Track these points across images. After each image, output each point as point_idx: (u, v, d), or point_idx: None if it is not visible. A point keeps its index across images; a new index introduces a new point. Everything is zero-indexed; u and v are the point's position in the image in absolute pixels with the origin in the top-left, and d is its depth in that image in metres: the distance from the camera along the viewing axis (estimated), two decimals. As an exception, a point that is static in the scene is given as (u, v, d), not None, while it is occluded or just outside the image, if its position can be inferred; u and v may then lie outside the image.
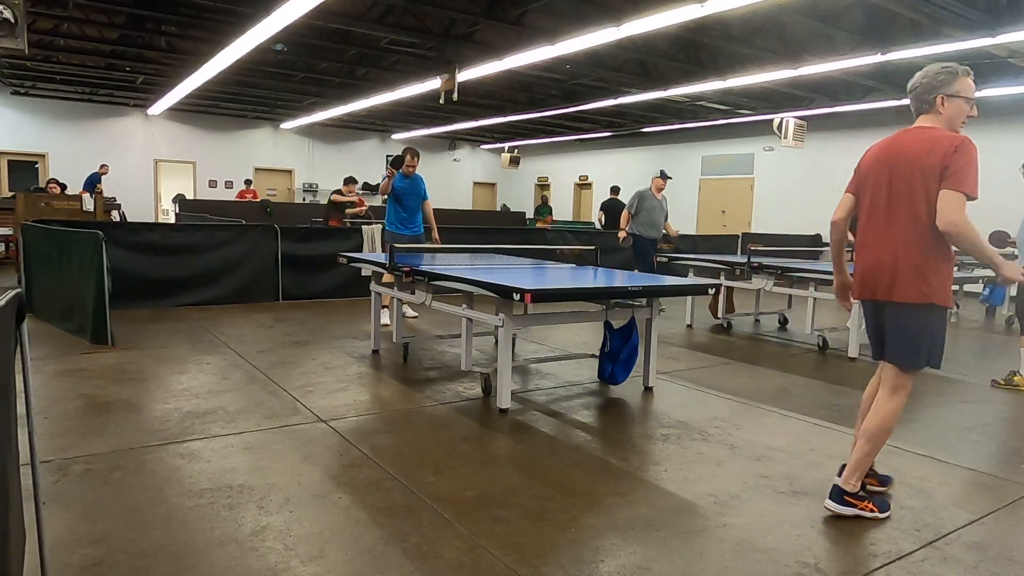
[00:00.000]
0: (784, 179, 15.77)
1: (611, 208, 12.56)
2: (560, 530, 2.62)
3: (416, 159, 6.95)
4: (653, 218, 8.75)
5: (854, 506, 2.81)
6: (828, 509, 2.84)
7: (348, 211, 10.76)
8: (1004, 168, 5.59)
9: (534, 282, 4.22)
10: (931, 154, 2.66)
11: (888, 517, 2.83)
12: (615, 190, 13.20)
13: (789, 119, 12.65)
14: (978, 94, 2.82)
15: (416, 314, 7.36)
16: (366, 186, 18.62)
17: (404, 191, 6.98)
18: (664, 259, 8.14)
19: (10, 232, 10.26)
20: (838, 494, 2.83)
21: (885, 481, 3.15)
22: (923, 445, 3.80)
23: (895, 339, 2.81)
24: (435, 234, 7.30)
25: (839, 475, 2.88)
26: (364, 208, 11.06)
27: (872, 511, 2.81)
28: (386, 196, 6.97)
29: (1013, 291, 5.65)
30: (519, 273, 4.87)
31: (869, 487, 3.01)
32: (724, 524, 2.74)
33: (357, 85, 13.73)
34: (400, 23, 9.65)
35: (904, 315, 2.76)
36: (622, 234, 8.78)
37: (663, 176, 8.76)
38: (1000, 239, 6.08)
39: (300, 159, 20.65)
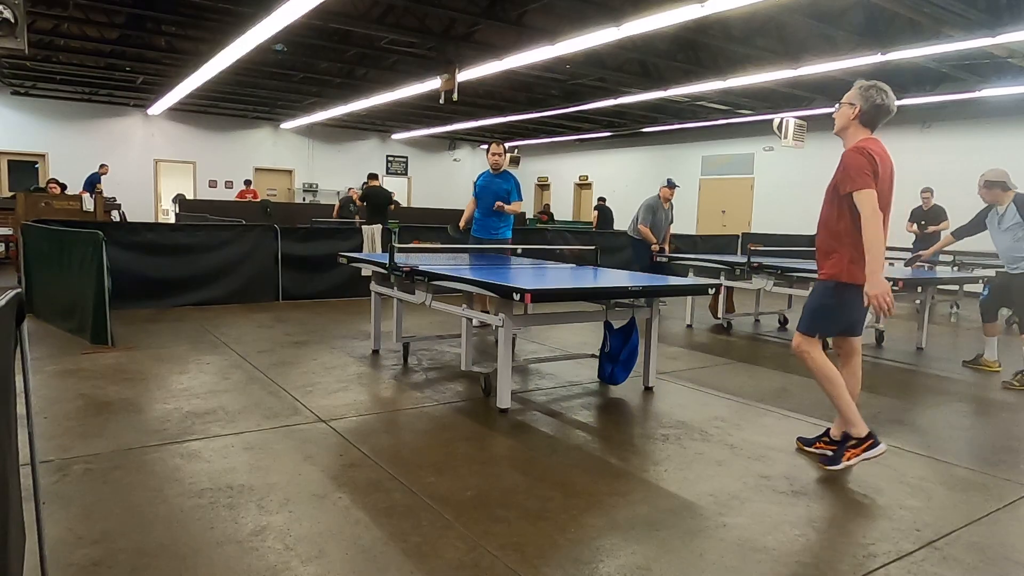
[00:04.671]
0: (784, 179, 15.78)
1: (601, 211, 15.39)
2: (560, 530, 2.62)
3: (500, 149, 6.30)
4: (658, 228, 8.83)
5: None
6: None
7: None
8: (1006, 168, 5.65)
9: (534, 282, 4.22)
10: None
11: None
12: (602, 199, 16.11)
13: (789, 119, 12.66)
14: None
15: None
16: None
17: (481, 190, 6.43)
18: (664, 259, 8.14)
19: (10, 232, 10.26)
20: None
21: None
22: (923, 445, 3.80)
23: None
24: (506, 207, 6.36)
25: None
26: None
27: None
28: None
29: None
30: (519, 273, 4.87)
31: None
32: (724, 524, 2.74)
33: (357, 85, 13.74)
34: (400, 23, 9.65)
35: None
36: (656, 247, 8.72)
37: (671, 185, 8.73)
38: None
39: (300, 159, 20.66)
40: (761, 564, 2.43)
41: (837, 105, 3.31)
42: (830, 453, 3.42)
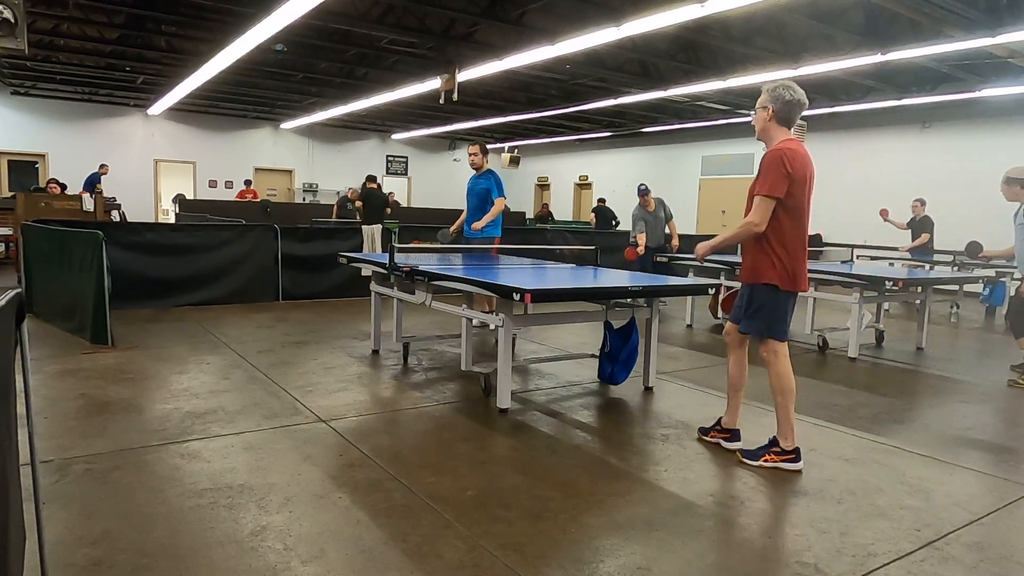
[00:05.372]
0: (784, 179, 15.76)
1: (600, 212, 15.47)
2: (560, 530, 2.62)
3: (475, 149, 6.50)
4: (651, 232, 8.85)
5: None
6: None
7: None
8: (1006, 168, 5.64)
9: (534, 282, 4.22)
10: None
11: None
12: (602, 200, 16.43)
13: (789, 119, 12.63)
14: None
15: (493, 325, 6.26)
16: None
17: (468, 189, 6.66)
18: (664, 259, 8.14)
19: (10, 232, 10.26)
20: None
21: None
22: (923, 445, 3.80)
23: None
24: (481, 222, 6.40)
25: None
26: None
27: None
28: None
29: (1012, 291, 5.71)
30: (519, 273, 4.87)
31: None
32: (724, 524, 2.74)
33: (357, 85, 13.74)
34: (400, 23, 9.65)
35: None
36: (640, 249, 8.75)
37: (641, 192, 8.79)
38: (974, 250, 6.13)
39: (300, 159, 20.66)
40: (761, 564, 2.43)
41: (753, 113, 3.44)
42: (721, 442, 3.64)
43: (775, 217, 3.25)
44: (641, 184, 8.97)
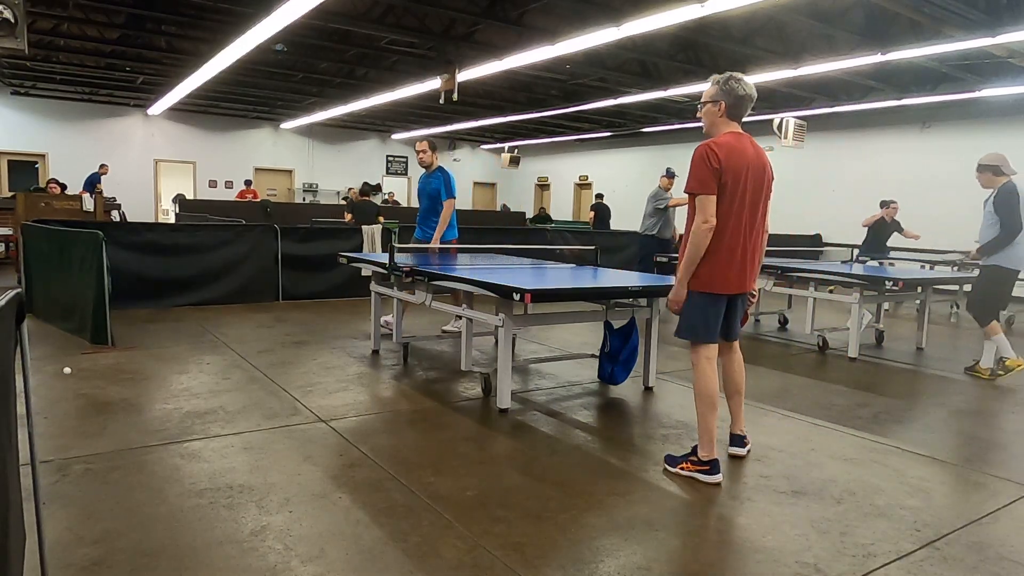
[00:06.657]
0: (784, 179, 15.69)
1: (599, 210, 15.19)
2: (560, 530, 2.62)
3: (424, 145, 6.54)
4: (667, 221, 8.82)
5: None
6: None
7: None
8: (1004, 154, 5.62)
9: (534, 282, 4.22)
10: (768, 165, 3.25)
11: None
12: (600, 196, 15.86)
13: (789, 119, 12.63)
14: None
15: (459, 329, 5.85)
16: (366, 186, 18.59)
17: (419, 189, 6.67)
18: (664, 259, 8.14)
19: (10, 232, 10.25)
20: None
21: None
22: (923, 445, 3.80)
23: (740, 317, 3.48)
24: (434, 237, 6.30)
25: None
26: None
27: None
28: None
29: None
30: (519, 273, 4.87)
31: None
32: (724, 524, 2.74)
33: (357, 85, 13.74)
34: (400, 23, 9.65)
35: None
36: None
37: (669, 175, 8.75)
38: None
39: (300, 159, 20.65)
40: (761, 564, 2.43)
41: (700, 105, 3.21)
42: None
43: (692, 216, 3.05)
44: (669, 167, 8.91)
